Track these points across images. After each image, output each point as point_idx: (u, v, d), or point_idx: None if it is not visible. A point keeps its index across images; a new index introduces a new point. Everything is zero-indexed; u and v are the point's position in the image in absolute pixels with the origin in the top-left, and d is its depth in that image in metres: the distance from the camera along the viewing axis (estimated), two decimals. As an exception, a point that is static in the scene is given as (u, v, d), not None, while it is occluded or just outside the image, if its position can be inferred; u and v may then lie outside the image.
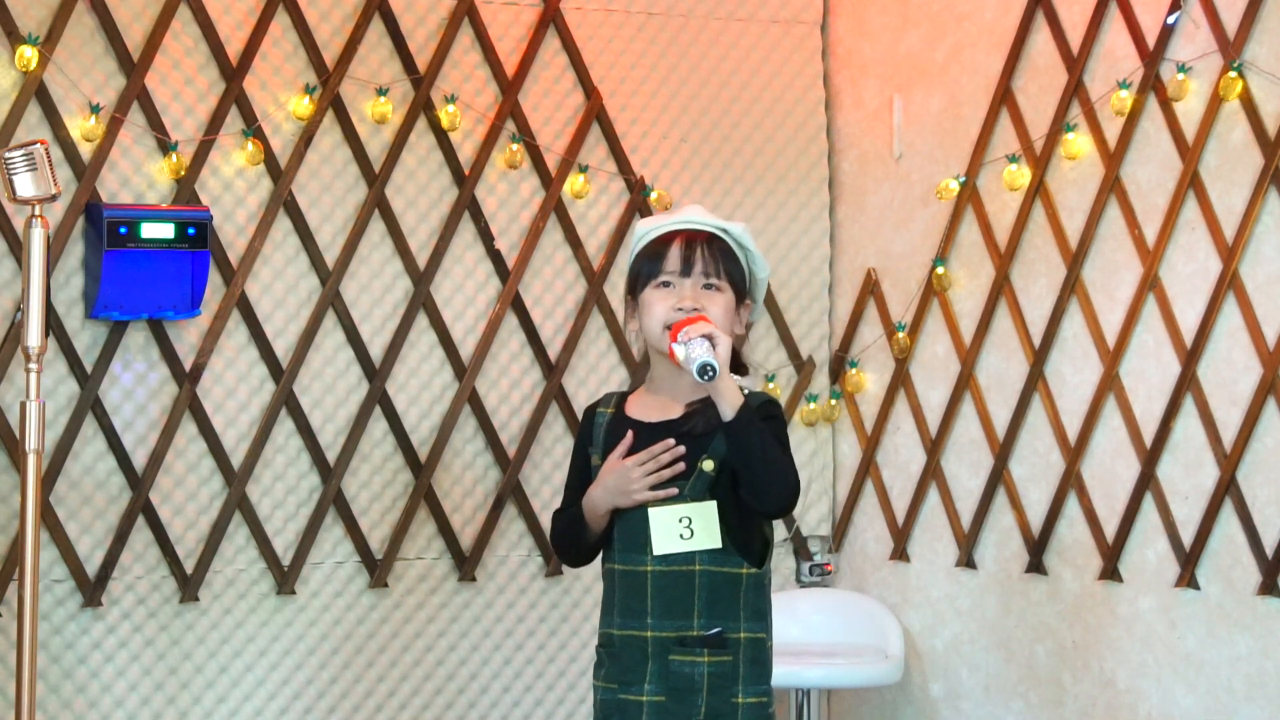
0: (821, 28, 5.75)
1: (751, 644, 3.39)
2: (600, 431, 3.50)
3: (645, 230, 3.51)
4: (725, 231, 3.48)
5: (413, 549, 5.23)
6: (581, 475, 3.54)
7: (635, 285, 3.48)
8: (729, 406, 3.28)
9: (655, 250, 3.46)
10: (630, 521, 3.40)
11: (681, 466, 3.37)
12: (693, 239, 3.44)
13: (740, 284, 3.47)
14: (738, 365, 3.44)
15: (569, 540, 3.53)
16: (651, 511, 3.38)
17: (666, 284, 3.43)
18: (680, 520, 3.37)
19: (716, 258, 3.44)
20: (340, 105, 5.11)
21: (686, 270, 3.42)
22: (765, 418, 3.35)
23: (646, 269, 3.46)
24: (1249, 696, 4.74)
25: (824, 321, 5.74)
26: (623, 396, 3.55)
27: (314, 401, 5.11)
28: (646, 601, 3.38)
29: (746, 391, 3.36)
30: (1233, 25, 4.78)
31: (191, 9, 4.93)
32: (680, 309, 3.39)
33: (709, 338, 3.29)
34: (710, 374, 3.24)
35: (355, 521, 5.15)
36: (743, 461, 3.30)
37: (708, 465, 3.36)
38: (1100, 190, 5.08)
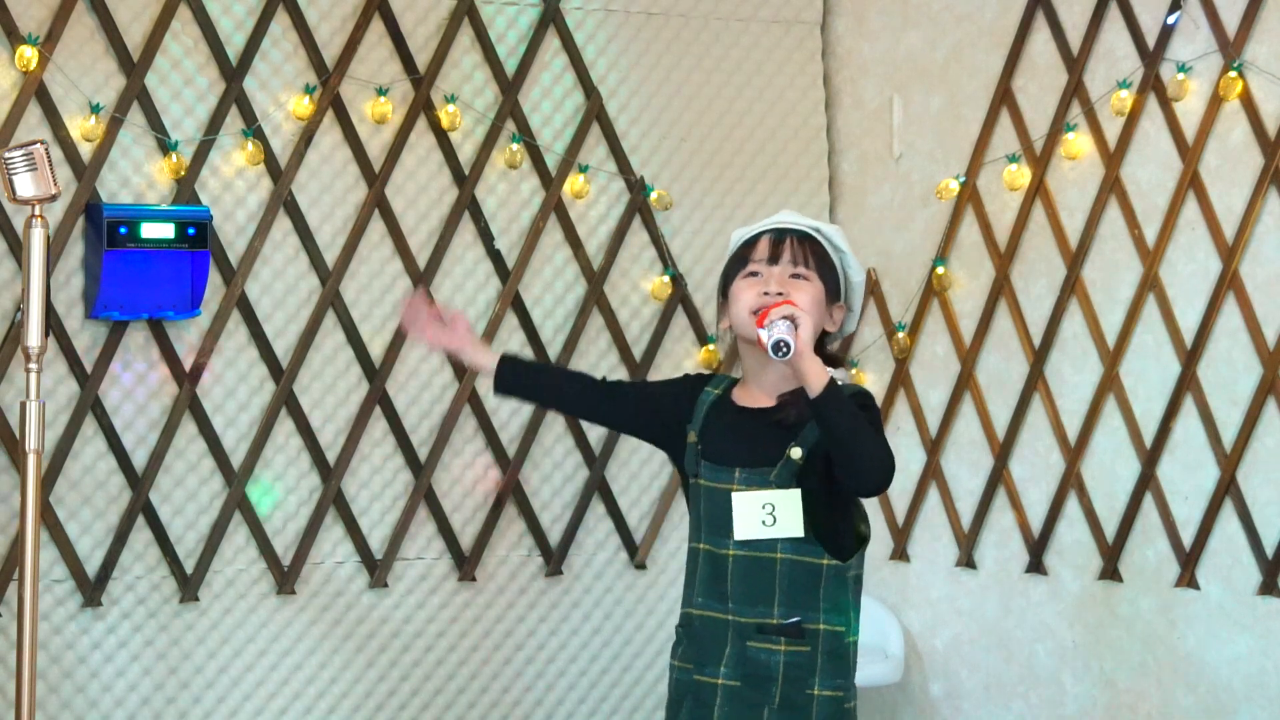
0: (821, 28, 5.75)
1: (830, 636, 3.36)
2: (702, 408, 3.46)
3: (740, 233, 3.50)
4: (818, 231, 3.46)
5: (413, 549, 5.23)
6: (639, 390, 3.70)
7: (726, 284, 3.47)
8: (816, 382, 3.21)
9: (745, 248, 3.46)
10: (716, 502, 3.38)
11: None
12: (782, 234, 3.44)
13: (832, 283, 3.44)
14: (832, 359, 3.39)
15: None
16: (735, 496, 3.35)
17: (755, 274, 3.42)
18: (764, 507, 3.34)
19: (805, 250, 3.43)
20: (340, 105, 5.11)
21: (774, 259, 3.41)
22: (859, 406, 3.30)
23: (735, 265, 3.45)
24: (1249, 696, 4.74)
25: (824, 321, 5.73)
26: (732, 382, 3.51)
27: (314, 401, 5.11)
28: (728, 585, 3.36)
29: (841, 383, 3.30)
30: (1233, 25, 4.78)
31: (191, 9, 4.93)
32: (766, 293, 3.37)
33: (790, 319, 3.24)
34: (785, 350, 3.19)
35: (355, 521, 5.15)
36: (832, 437, 3.25)
37: (795, 453, 3.33)
38: (1100, 190, 5.08)
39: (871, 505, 5.62)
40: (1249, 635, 4.75)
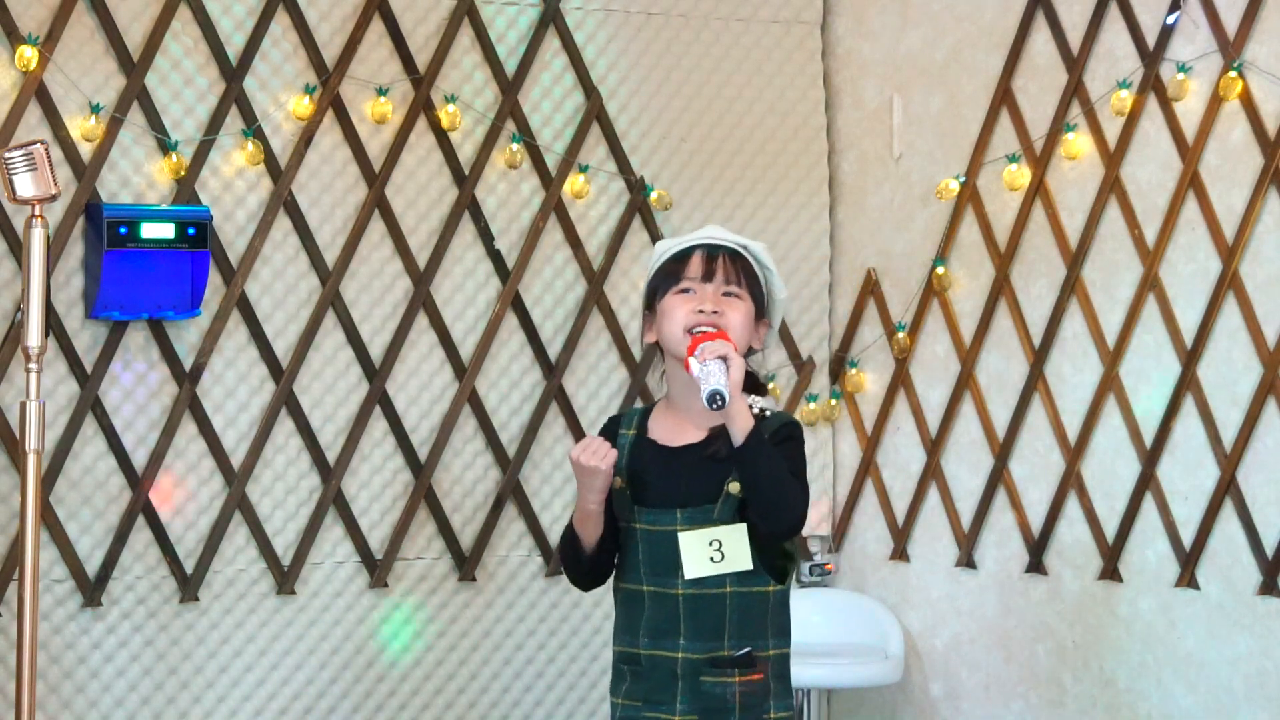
0: (821, 28, 5.75)
1: (779, 660, 3.40)
2: (624, 455, 3.45)
3: (665, 247, 3.51)
4: (745, 248, 3.47)
5: (413, 549, 5.23)
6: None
7: (654, 297, 3.47)
8: (739, 432, 3.26)
9: (675, 261, 3.46)
10: (659, 544, 3.38)
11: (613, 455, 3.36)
12: (714, 251, 3.44)
13: (760, 300, 3.46)
14: (757, 386, 3.42)
15: (569, 558, 3.50)
16: (682, 536, 3.36)
17: (687, 290, 3.42)
18: (710, 544, 3.36)
19: (737, 268, 3.44)
20: (340, 105, 5.11)
21: (708, 276, 3.42)
22: (783, 439, 3.34)
23: (666, 280, 3.45)
24: (1249, 696, 4.74)
25: (824, 321, 5.74)
26: (645, 414, 3.51)
27: (314, 401, 5.11)
28: (679, 623, 3.37)
29: (769, 413, 3.34)
30: (1233, 25, 4.78)
31: (191, 9, 4.93)
32: (701, 310, 3.38)
33: (724, 359, 3.26)
34: (719, 403, 3.22)
35: (355, 521, 5.15)
36: (751, 485, 3.30)
37: (734, 487, 3.34)
38: (1100, 190, 5.08)
39: (872, 505, 5.64)
40: (1249, 635, 4.75)
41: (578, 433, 5.39)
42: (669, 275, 3.45)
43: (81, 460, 4.84)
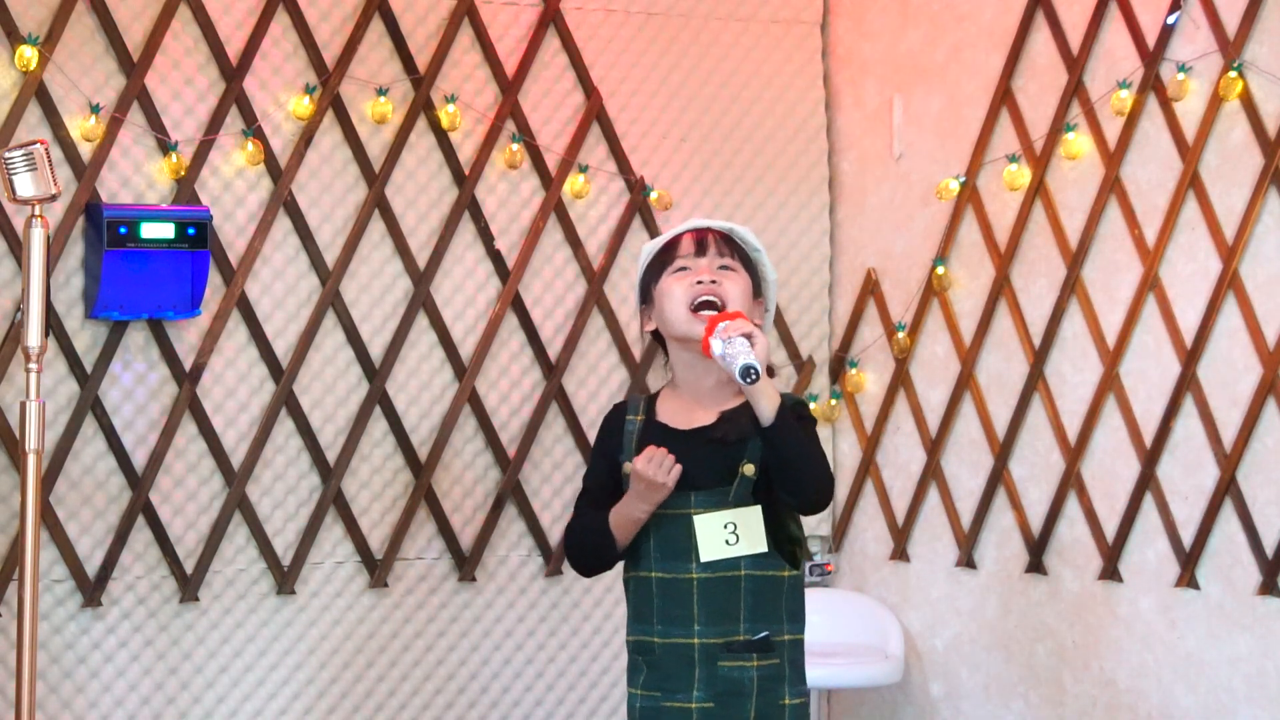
0: (821, 28, 5.75)
1: (793, 645, 3.39)
2: (631, 439, 3.44)
3: (651, 245, 3.53)
4: (733, 230, 3.48)
5: (413, 549, 5.23)
6: (602, 480, 3.48)
7: (648, 289, 3.46)
8: (769, 407, 3.24)
9: (664, 251, 3.46)
10: (672, 529, 3.37)
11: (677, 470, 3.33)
12: (702, 234, 3.44)
13: (754, 276, 3.45)
14: (768, 369, 3.38)
15: (589, 550, 3.45)
16: (697, 519, 3.35)
17: (682, 269, 3.41)
18: (725, 526, 3.35)
19: (729, 246, 3.44)
20: (340, 105, 5.11)
21: (701, 251, 3.42)
22: (798, 418, 3.32)
23: (659, 267, 3.45)
24: (1249, 696, 4.74)
25: (824, 321, 5.74)
26: (650, 400, 3.50)
27: (314, 401, 5.11)
28: (692, 609, 3.36)
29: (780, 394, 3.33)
30: (1233, 25, 4.78)
31: (191, 9, 4.93)
32: (700, 281, 3.37)
33: (749, 337, 3.23)
34: (754, 377, 3.18)
35: (355, 521, 5.15)
36: (783, 461, 3.27)
37: (748, 470, 3.34)
38: (1100, 190, 5.08)
39: (872, 505, 5.64)
40: (1249, 635, 4.75)
41: (578, 433, 5.39)
42: (661, 263, 3.45)
43: (81, 460, 4.84)
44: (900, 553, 5.55)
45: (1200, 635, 4.84)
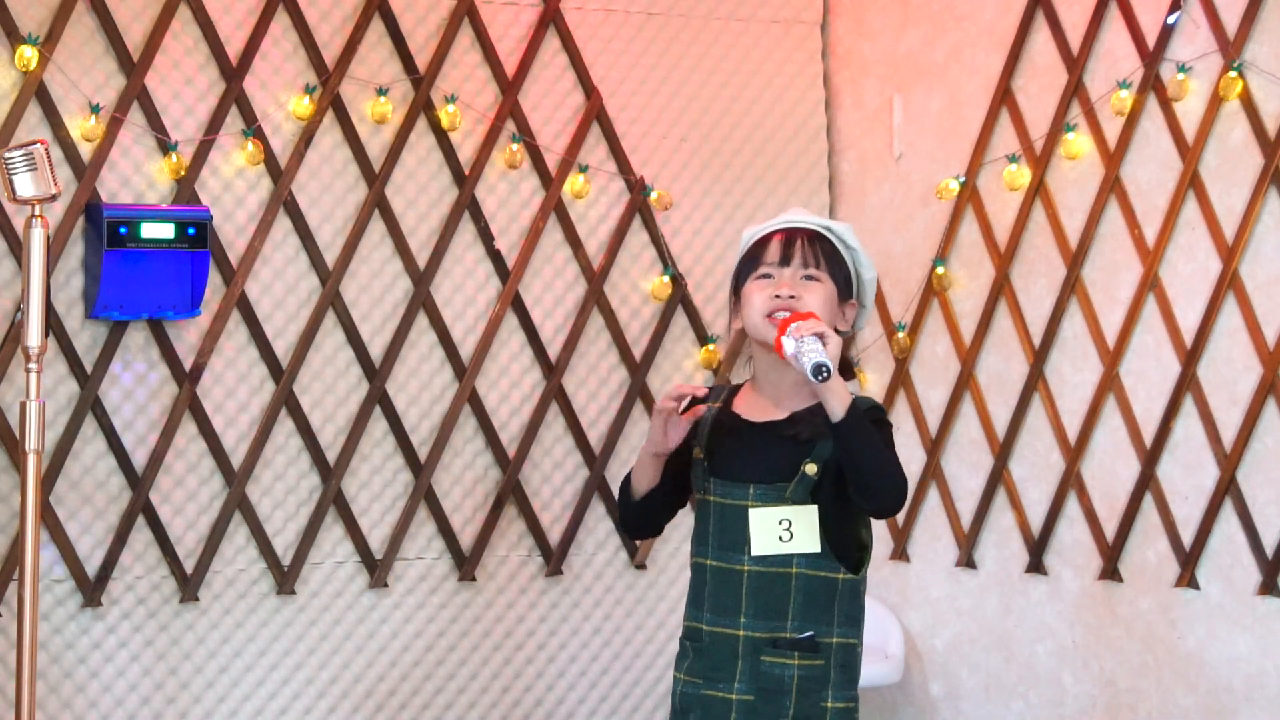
0: (821, 28, 5.75)
1: (843, 649, 3.38)
2: (705, 426, 3.45)
3: (750, 233, 3.50)
4: (829, 230, 3.46)
5: (413, 549, 5.23)
6: (676, 454, 3.46)
7: (738, 285, 3.46)
8: (839, 406, 3.23)
9: (756, 248, 3.45)
10: (729, 519, 3.38)
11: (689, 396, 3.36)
12: (793, 234, 3.43)
13: (843, 281, 3.44)
14: (844, 368, 3.38)
15: (623, 494, 3.51)
16: (752, 512, 3.35)
17: (766, 276, 3.41)
18: (780, 522, 3.34)
19: (816, 250, 3.42)
20: (340, 105, 5.11)
21: (785, 261, 3.40)
22: (873, 421, 3.31)
23: (747, 266, 3.44)
24: (1249, 696, 4.74)
25: (824, 321, 5.73)
26: (732, 391, 3.50)
27: (314, 401, 5.11)
28: (741, 600, 3.36)
29: (854, 395, 3.31)
30: (1233, 25, 4.78)
31: (191, 9, 4.93)
32: (778, 295, 3.37)
33: (821, 336, 3.23)
34: (825, 374, 3.18)
35: (355, 521, 5.15)
36: (853, 461, 3.27)
37: (810, 469, 3.33)
38: (1100, 190, 5.08)
39: (871, 505, 5.63)
40: (1249, 635, 4.75)
41: (578, 433, 5.39)
42: (750, 261, 3.44)
43: (81, 460, 4.84)
44: (900, 553, 5.55)
45: (1200, 635, 4.84)
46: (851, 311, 3.47)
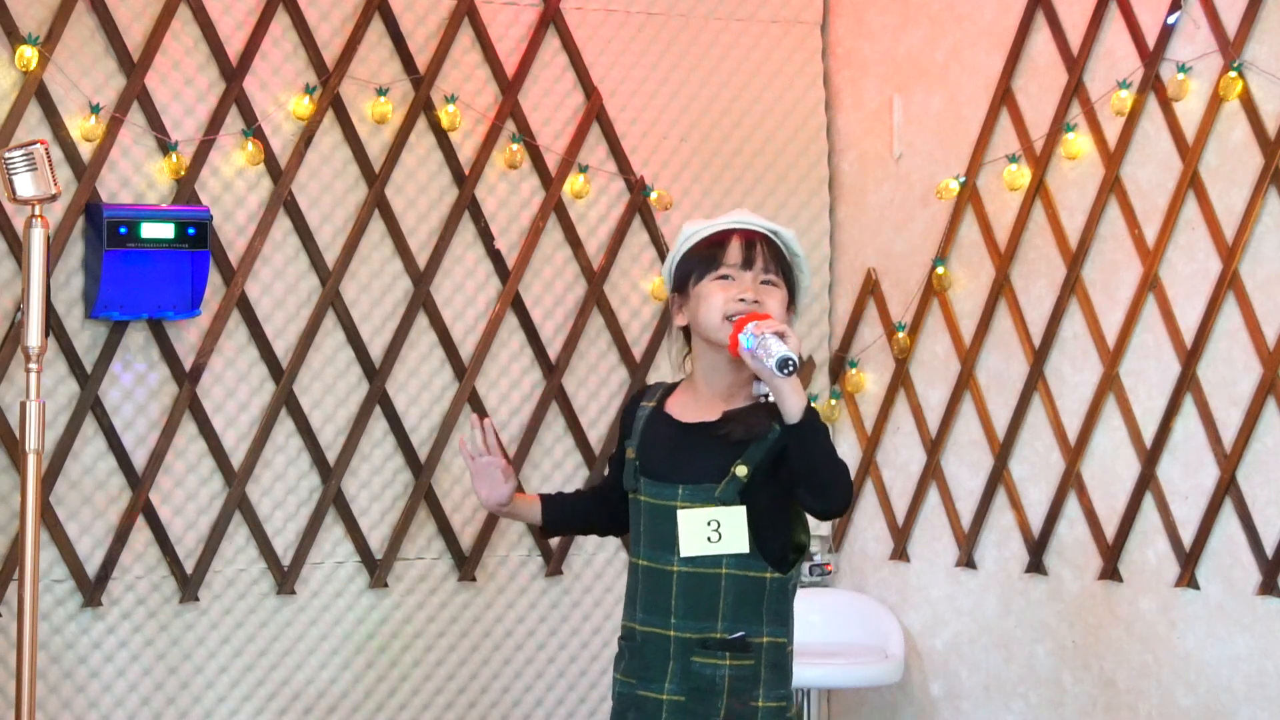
0: (821, 28, 5.75)
1: (773, 648, 3.39)
2: (639, 424, 3.48)
3: (694, 229, 3.49)
4: (777, 234, 3.47)
5: (413, 549, 5.23)
6: (616, 463, 3.56)
7: (686, 281, 3.45)
8: (795, 407, 3.24)
9: (711, 246, 3.43)
10: (659, 519, 3.39)
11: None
12: (751, 237, 3.43)
13: (791, 286, 3.46)
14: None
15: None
16: (680, 513, 3.36)
17: (726, 277, 3.41)
18: (709, 523, 3.35)
19: (775, 256, 3.43)
20: (340, 105, 5.11)
21: (748, 264, 3.40)
22: None
23: (702, 265, 3.43)
24: (1249, 696, 4.74)
25: (824, 321, 5.74)
26: (668, 390, 3.52)
27: (314, 401, 5.11)
28: (671, 600, 3.37)
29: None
30: (1233, 25, 4.78)
31: (191, 9, 4.93)
32: (742, 299, 3.37)
33: (781, 335, 3.24)
34: (791, 368, 3.19)
35: (355, 521, 5.15)
36: (808, 461, 3.28)
37: (740, 470, 3.34)
38: (1100, 190, 5.08)
39: (872, 505, 5.64)
40: (1249, 635, 4.75)
41: (578, 433, 5.39)
42: (706, 260, 3.43)
43: (81, 460, 4.84)
44: (900, 553, 5.55)
45: (1200, 635, 4.84)
46: (792, 318, 3.49)
